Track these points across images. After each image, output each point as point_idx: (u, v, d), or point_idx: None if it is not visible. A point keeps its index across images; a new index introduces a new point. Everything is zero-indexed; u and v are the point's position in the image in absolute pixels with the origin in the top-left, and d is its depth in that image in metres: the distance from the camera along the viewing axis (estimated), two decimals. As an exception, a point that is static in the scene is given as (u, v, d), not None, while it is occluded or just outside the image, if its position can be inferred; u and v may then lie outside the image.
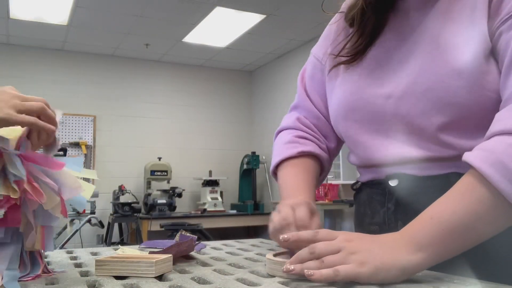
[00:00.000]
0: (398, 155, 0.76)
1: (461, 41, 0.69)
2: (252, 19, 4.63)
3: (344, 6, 0.90)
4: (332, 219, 5.17)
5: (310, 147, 0.92)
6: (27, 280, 0.66)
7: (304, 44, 5.39)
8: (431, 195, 0.64)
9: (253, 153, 5.90)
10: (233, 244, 1.07)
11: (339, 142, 0.97)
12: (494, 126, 0.62)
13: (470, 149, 0.63)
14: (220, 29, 4.90)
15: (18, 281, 0.64)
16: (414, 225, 0.63)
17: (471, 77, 0.67)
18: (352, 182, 0.99)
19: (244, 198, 5.99)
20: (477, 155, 0.60)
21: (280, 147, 0.95)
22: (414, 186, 0.75)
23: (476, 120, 0.68)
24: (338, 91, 0.85)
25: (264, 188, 6.08)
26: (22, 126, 0.66)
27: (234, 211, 5.83)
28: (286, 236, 0.65)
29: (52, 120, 0.68)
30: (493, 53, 0.68)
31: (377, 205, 0.82)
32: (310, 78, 0.97)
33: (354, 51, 0.83)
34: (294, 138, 0.94)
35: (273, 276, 0.66)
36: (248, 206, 5.71)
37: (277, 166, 0.94)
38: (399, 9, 0.81)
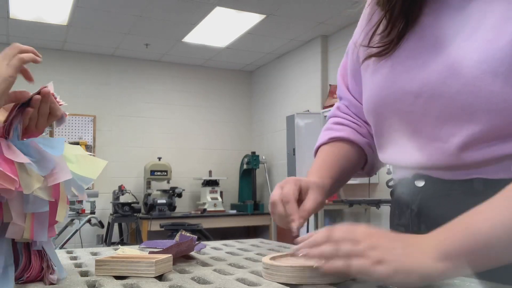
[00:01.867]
0: (422, 160, 0.70)
1: (508, 31, 0.56)
2: (252, 19, 4.63)
3: None
4: (332, 219, 5.17)
5: (343, 132, 0.91)
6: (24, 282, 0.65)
7: (304, 44, 5.38)
8: (454, 200, 0.59)
9: (253, 153, 5.90)
10: (233, 244, 1.07)
11: None
12: None
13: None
14: (220, 29, 4.90)
15: (18, 282, 0.64)
16: (445, 231, 0.55)
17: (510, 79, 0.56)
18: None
19: (244, 198, 5.99)
20: None
21: (320, 135, 0.96)
22: (439, 189, 0.69)
23: None
24: (370, 84, 0.78)
25: (264, 188, 6.07)
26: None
27: (234, 211, 5.83)
28: (304, 251, 0.60)
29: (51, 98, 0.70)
30: None
31: (403, 205, 0.78)
32: (349, 67, 0.91)
33: (385, 40, 0.72)
34: (330, 125, 0.95)
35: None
36: (248, 206, 5.70)
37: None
38: None
